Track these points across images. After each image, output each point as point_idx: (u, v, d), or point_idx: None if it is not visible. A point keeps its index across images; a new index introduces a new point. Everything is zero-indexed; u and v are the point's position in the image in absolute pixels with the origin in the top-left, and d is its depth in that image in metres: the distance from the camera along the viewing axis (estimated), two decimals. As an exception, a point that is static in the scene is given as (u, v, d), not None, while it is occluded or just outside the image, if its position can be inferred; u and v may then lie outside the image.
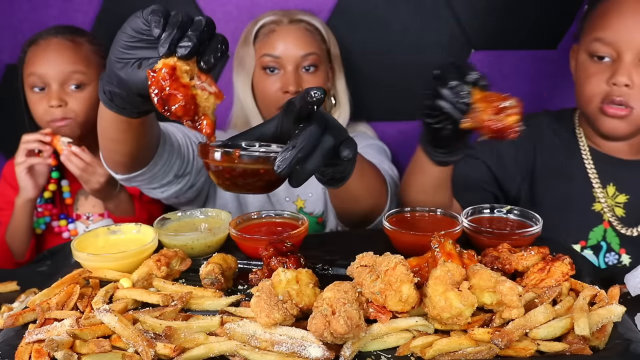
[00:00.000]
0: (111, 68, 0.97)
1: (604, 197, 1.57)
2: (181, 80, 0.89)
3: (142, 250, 1.11)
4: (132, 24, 0.93)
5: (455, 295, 0.86)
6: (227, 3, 2.04)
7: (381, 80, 2.07)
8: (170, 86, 0.88)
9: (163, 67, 0.88)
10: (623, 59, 1.44)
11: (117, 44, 0.95)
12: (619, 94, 1.45)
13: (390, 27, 2.04)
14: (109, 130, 1.18)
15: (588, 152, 1.61)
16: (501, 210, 1.29)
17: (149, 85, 0.89)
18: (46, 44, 1.81)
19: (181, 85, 0.89)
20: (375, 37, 2.04)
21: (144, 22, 0.91)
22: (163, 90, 0.88)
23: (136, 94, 0.98)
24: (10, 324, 0.93)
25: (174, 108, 0.89)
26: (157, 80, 0.88)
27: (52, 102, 1.79)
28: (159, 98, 0.88)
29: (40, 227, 1.89)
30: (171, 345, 0.84)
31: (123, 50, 0.95)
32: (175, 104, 0.88)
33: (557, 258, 1.02)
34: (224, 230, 1.22)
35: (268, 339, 0.84)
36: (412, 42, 2.05)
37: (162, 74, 0.88)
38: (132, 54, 0.95)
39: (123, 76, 0.95)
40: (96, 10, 2.05)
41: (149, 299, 0.97)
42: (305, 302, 0.91)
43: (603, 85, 1.47)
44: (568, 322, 0.86)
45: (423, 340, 0.86)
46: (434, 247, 0.99)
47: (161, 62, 0.88)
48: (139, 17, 0.92)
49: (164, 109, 0.89)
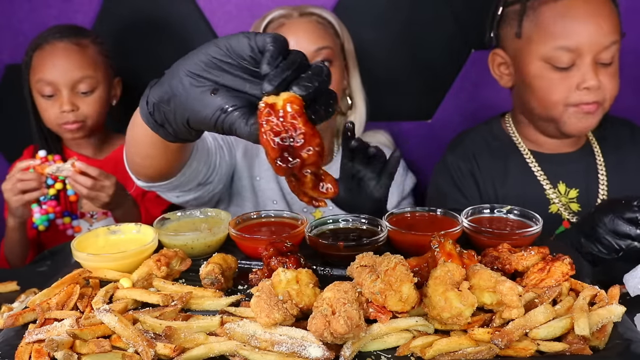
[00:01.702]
0: (175, 81, 0.82)
1: (557, 197, 1.58)
2: (306, 119, 0.73)
3: (142, 250, 1.11)
4: (233, 42, 0.79)
5: (455, 295, 0.86)
6: (227, 3, 2.04)
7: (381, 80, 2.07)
8: (292, 126, 0.71)
9: (285, 103, 0.72)
10: (585, 62, 1.47)
11: (199, 57, 0.81)
12: (589, 98, 1.49)
13: (390, 26, 2.04)
14: (141, 145, 1.05)
15: (531, 156, 1.63)
16: (501, 210, 1.29)
17: (262, 122, 0.73)
18: (52, 49, 1.82)
19: (308, 126, 0.73)
20: (375, 37, 2.04)
21: (252, 47, 0.78)
22: (284, 132, 0.71)
23: (186, 122, 0.84)
24: (10, 324, 0.93)
25: (306, 153, 0.72)
26: (274, 116, 0.71)
27: (64, 107, 1.81)
28: (279, 141, 0.72)
29: (44, 224, 1.89)
30: (171, 345, 0.84)
31: (204, 67, 0.80)
32: (305, 149, 0.72)
33: (557, 258, 1.02)
34: (224, 230, 1.22)
35: (268, 339, 0.84)
36: (412, 41, 2.05)
37: (286, 110, 0.71)
38: (211, 76, 0.80)
39: (189, 98, 0.81)
40: (96, 10, 2.06)
41: (149, 299, 0.97)
42: (305, 302, 0.91)
43: (573, 90, 1.50)
44: (568, 322, 0.86)
45: (423, 340, 0.86)
46: (434, 247, 0.99)
47: (272, 98, 0.73)
48: (248, 39, 0.78)
49: (281, 158, 0.73)
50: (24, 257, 1.87)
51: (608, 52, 1.46)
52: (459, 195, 1.67)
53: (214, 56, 0.79)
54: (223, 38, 0.80)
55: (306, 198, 0.79)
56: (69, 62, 1.81)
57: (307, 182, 0.76)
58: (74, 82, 1.81)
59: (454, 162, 1.68)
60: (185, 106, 0.82)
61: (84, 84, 1.83)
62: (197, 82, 0.81)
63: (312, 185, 0.76)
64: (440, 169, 1.73)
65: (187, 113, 0.83)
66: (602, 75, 1.48)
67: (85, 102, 1.84)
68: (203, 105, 0.80)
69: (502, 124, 1.72)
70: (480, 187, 1.66)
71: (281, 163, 0.73)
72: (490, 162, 1.66)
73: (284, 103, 0.72)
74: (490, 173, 1.65)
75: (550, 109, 1.54)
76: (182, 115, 0.84)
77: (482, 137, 1.70)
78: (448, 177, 1.69)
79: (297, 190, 0.78)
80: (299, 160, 0.73)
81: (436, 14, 2.02)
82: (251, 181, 1.76)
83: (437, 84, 2.10)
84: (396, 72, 2.09)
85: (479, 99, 2.12)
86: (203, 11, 2.04)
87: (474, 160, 1.67)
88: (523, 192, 1.61)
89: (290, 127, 0.72)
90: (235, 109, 0.79)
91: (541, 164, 1.62)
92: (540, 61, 1.52)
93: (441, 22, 2.03)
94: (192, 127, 0.86)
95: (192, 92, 0.81)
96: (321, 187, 0.77)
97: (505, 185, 1.64)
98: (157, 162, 1.12)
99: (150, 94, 0.89)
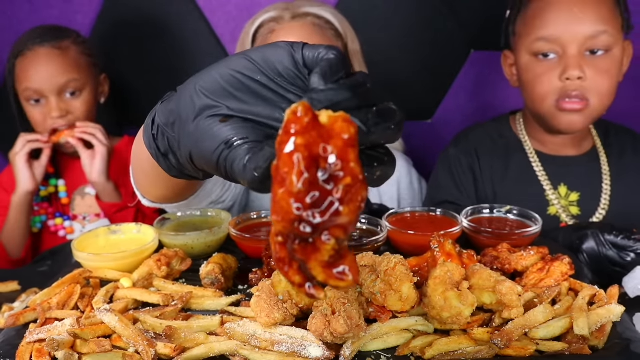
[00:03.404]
0: (183, 101, 0.64)
1: (556, 199, 1.58)
2: (358, 156, 0.50)
3: (143, 250, 1.11)
4: (272, 55, 0.60)
5: (455, 295, 0.86)
6: (227, 3, 2.04)
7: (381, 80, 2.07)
8: (342, 158, 0.48)
9: (335, 121, 0.49)
10: (569, 53, 1.46)
11: (220, 70, 0.62)
12: (574, 88, 1.47)
13: (391, 27, 2.04)
14: (148, 170, 0.87)
15: (534, 155, 1.63)
16: (501, 210, 1.29)
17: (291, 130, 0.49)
18: (34, 56, 1.81)
19: (359, 167, 0.50)
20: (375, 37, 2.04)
21: (297, 61, 0.60)
22: (322, 164, 0.48)
23: (189, 156, 0.65)
24: (11, 324, 0.93)
25: (345, 207, 0.49)
26: (315, 131, 0.48)
27: (53, 114, 1.82)
28: (307, 176, 0.48)
29: (37, 226, 1.89)
30: (171, 345, 0.84)
31: (223, 85, 0.61)
32: (345, 201, 0.49)
33: (557, 258, 1.02)
34: (224, 230, 1.22)
35: (268, 339, 0.85)
36: (412, 41, 2.05)
37: (335, 131, 0.48)
38: (229, 98, 0.61)
39: (198, 125, 0.61)
40: (96, 11, 2.06)
41: (150, 299, 0.97)
42: (305, 302, 0.91)
43: (556, 81, 1.49)
44: (567, 322, 0.86)
45: (423, 340, 0.86)
46: (434, 247, 0.99)
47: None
48: (295, 52, 0.60)
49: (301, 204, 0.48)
50: (22, 242, 1.85)
51: (595, 43, 1.44)
52: (455, 188, 1.68)
53: (240, 71, 0.61)
54: (257, 49, 0.62)
55: (300, 279, 0.52)
56: (53, 68, 1.81)
57: (323, 254, 0.50)
58: (60, 87, 1.82)
59: (455, 155, 1.70)
60: (189, 135, 0.63)
61: (70, 88, 1.83)
62: (209, 103, 0.62)
63: (326, 263, 0.51)
64: (442, 159, 1.74)
65: (191, 144, 0.63)
66: (589, 68, 1.46)
67: (73, 105, 1.85)
68: (208, 136, 0.61)
69: (511, 122, 1.72)
70: (478, 182, 1.66)
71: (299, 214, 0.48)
72: (492, 158, 1.66)
73: (332, 120, 0.49)
74: (490, 170, 1.66)
75: (537, 102, 1.54)
76: (185, 147, 0.65)
77: (487, 134, 1.70)
78: (447, 168, 1.71)
79: (288, 267, 0.52)
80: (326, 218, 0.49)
81: (436, 14, 2.02)
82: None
83: (437, 84, 2.10)
84: (396, 72, 2.09)
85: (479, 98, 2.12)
86: (203, 11, 2.04)
87: (475, 156, 1.67)
88: (522, 192, 1.61)
89: (337, 159, 0.48)
90: (245, 142, 0.59)
91: (544, 164, 1.62)
92: (527, 55, 1.53)
93: (441, 22, 2.03)
94: (196, 165, 0.66)
95: (200, 117, 0.61)
96: (337, 269, 0.51)
97: (504, 183, 1.64)
98: (163, 192, 0.98)
99: (157, 112, 0.70)
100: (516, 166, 1.64)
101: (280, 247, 0.51)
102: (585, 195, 1.59)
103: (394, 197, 1.80)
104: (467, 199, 1.66)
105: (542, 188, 1.60)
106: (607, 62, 1.47)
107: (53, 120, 1.82)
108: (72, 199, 1.94)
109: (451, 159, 1.70)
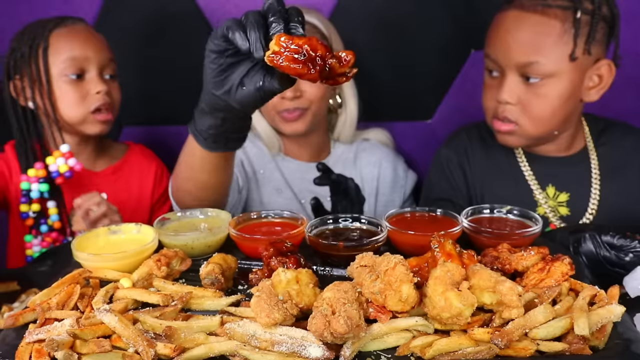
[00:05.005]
0: (214, 100, 1.05)
1: (544, 200, 1.58)
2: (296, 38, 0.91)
3: (142, 250, 1.11)
4: (211, 47, 0.99)
5: (455, 295, 0.86)
6: (227, 3, 2.04)
7: (380, 80, 2.07)
8: (297, 44, 0.89)
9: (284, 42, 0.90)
10: (506, 76, 1.48)
11: (210, 72, 1.01)
12: (502, 110, 1.50)
13: (390, 27, 2.04)
14: (197, 171, 1.28)
15: (522, 156, 1.64)
16: (501, 211, 1.29)
17: (280, 57, 0.89)
18: (72, 29, 1.66)
19: (300, 38, 0.91)
20: (375, 37, 2.04)
21: (222, 40, 0.97)
22: (295, 52, 0.89)
23: (243, 114, 1.08)
24: (10, 324, 0.93)
25: (318, 53, 0.90)
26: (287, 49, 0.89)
27: (98, 87, 1.64)
28: (303, 58, 0.89)
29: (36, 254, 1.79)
30: (171, 345, 0.84)
31: (218, 78, 1.01)
32: (318, 51, 0.90)
33: (557, 258, 1.02)
34: (224, 230, 1.22)
35: (268, 339, 0.85)
36: (411, 41, 2.05)
37: (288, 44, 0.89)
38: (228, 76, 1.01)
39: (234, 104, 1.03)
40: (97, 11, 2.05)
41: (149, 299, 0.97)
42: (305, 302, 0.91)
43: (493, 100, 1.52)
44: (568, 322, 0.86)
45: (423, 340, 0.86)
46: (434, 247, 0.99)
47: (271, 47, 0.90)
48: (216, 39, 0.98)
49: (310, 65, 0.90)
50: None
51: (528, 71, 1.44)
52: (447, 185, 1.69)
53: (214, 67, 1.01)
54: (207, 51, 1.02)
55: (342, 79, 0.96)
56: (97, 41, 1.67)
57: (335, 65, 0.92)
58: (103, 63, 1.66)
59: (447, 154, 1.72)
60: (241, 105, 1.04)
61: (109, 68, 1.68)
62: (227, 90, 1.03)
63: (338, 65, 0.93)
64: (436, 158, 1.77)
65: (241, 107, 1.05)
66: (523, 93, 1.46)
67: (113, 88, 1.69)
68: (245, 95, 1.01)
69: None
70: (469, 181, 1.68)
71: (306, 73, 0.91)
72: (482, 158, 1.68)
73: (279, 44, 0.90)
74: (479, 169, 1.67)
75: (486, 114, 1.58)
76: (240, 111, 1.07)
77: (479, 133, 1.72)
78: (439, 166, 1.73)
79: (327, 81, 0.94)
80: (315, 64, 0.91)
81: (436, 14, 2.02)
82: (255, 175, 1.79)
83: (436, 84, 2.10)
84: (396, 72, 2.09)
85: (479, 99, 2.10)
86: (203, 11, 2.03)
87: (465, 155, 1.69)
88: (511, 192, 1.62)
89: (298, 43, 0.90)
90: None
91: (532, 164, 1.62)
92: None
93: (441, 23, 2.03)
94: (249, 116, 1.12)
95: (232, 98, 1.03)
96: (343, 59, 0.93)
97: (494, 183, 1.65)
98: (213, 180, 1.31)
99: (196, 126, 1.17)
100: (505, 166, 1.65)
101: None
102: (575, 195, 1.59)
103: (374, 178, 1.87)
104: (460, 196, 1.67)
105: (529, 188, 1.60)
106: (545, 88, 1.45)
107: (95, 98, 1.64)
108: (71, 215, 1.85)
109: (442, 157, 1.73)
